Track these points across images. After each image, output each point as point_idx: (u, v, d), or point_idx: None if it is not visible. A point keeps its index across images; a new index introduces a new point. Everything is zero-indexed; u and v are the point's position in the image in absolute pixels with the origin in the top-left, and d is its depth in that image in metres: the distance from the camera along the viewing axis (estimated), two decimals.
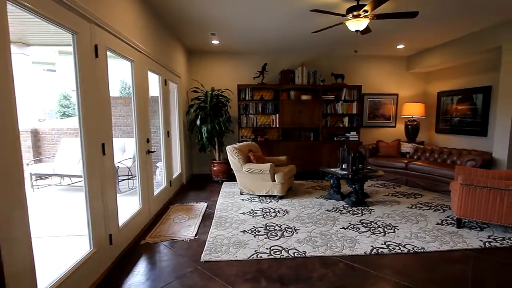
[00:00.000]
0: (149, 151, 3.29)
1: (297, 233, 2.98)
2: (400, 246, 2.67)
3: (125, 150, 5.15)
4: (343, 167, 4.07)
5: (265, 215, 3.51)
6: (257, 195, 4.29)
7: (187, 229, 3.11)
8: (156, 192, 3.62)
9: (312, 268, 2.33)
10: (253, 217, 3.46)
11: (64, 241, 2.80)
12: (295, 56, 5.89)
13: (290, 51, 5.71)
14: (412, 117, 5.80)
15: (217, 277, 2.20)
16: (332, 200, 4.07)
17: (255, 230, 3.06)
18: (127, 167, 4.59)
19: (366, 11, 2.98)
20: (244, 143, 4.71)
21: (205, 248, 2.64)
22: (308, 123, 5.75)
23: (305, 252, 2.56)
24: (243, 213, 3.60)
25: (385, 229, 3.07)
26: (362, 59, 6.09)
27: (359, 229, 3.07)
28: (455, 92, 5.36)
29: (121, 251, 2.55)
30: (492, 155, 4.17)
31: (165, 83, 4.02)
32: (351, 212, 3.60)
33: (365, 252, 2.56)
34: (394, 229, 3.06)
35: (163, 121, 3.99)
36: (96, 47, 2.12)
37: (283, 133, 5.81)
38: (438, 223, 3.23)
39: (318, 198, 4.18)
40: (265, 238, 2.86)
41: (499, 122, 4.05)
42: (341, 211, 3.64)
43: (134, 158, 3.47)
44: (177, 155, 4.86)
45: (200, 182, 5.33)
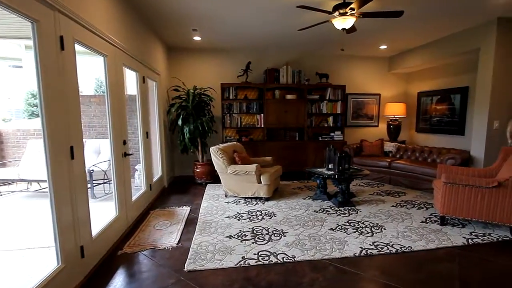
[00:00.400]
0: (126, 154, 3.06)
1: (285, 236, 2.89)
2: (388, 246, 2.67)
3: (100, 152, 4.82)
4: (330, 167, 4.04)
5: (251, 218, 3.38)
6: (243, 197, 4.17)
7: (169, 236, 2.92)
8: (134, 197, 3.39)
9: (302, 273, 2.25)
10: (239, 220, 3.32)
11: (32, 254, 2.53)
12: (280, 55, 5.81)
13: (275, 49, 5.62)
14: (394, 117, 5.91)
15: None
16: (319, 201, 4.02)
17: (241, 234, 2.94)
18: (102, 171, 4.29)
19: (352, 9, 2.95)
20: (229, 143, 4.56)
21: (188, 257, 2.48)
22: (293, 122, 5.69)
23: (294, 257, 2.48)
24: (228, 216, 3.45)
25: (372, 229, 3.06)
26: (346, 59, 6.13)
27: (347, 230, 3.04)
28: (434, 93, 5.52)
29: (95, 264, 2.33)
30: (470, 153, 4.30)
31: (143, 80, 3.78)
32: (338, 212, 3.57)
33: (354, 254, 2.52)
34: (381, 229, 3.05)
35: (141, 121, 3.75)
36: (61, 38, 1.90)
37: (268, 133, 5.72)
38: (422, 221, 3.27)
39: (305, 199, 4.12)
40: (252, 242, 2.75)
41: (476, 121, 4.19)
42: (329, 211, 3.60)
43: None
44: (158, 157, 4.62)
45: (182, 184, 5.11)
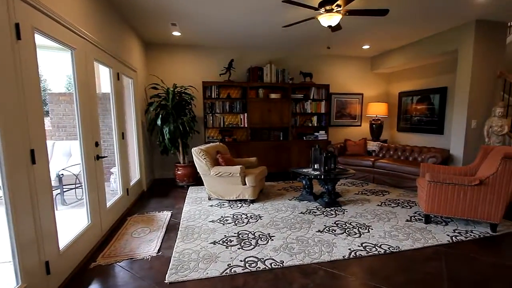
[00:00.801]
0: (98, 157, 2.80)
1: (272, 240, 2.78)
2: (376, 247, 2.64)
3: (71, 155, 4.46)
4: (315, 167, 3.98)
5: (236, 222, 3.24)
6: (227, 200, 4.01)
7: (148, 244, 2.71)
8: (110, 202, 3.13)
9: (291, 279, 2.14)
10: (223, 225, 3.17)
11: None
12: (263, 53, 5.70)
13: (258, 47, 5.50)
14: (376, 117, 5.99)
15: None
16: (305, 202, 3.95)
17: (226, 240, 2.78)
18: (74, 175, 3.96)
19: (339, 6, 2.89)
20: (211, 144, 4.38)
21: (170, 267, 2.29)
22: (278, 122, 5.60)
23: (283, 262, 2.37)
24: (212, 221, 3.29)
25: (359, 229, 3.02)
26: (329, 59, 6.13)
27: (335, 231, 2.98)
28: (414, 93, 5.65)
29: (64, 280, 2.09)
30: (450, 152, 4.42)
31: (117, 77, 3.51)
32: (325, 213, 3.51)
33: (343, 257, 2.46)
34: (368, 229, 3.03)
35: (116, 121, 3.48)
36: (17, 26, 1.65)
37: (252, 133, 5.59)
38: (407, 220, 3.28)
39: (291, 200, 4.03)
40: (238, 248, 2.61)
41: (455, 121, 4.31)
42: (315, 213, 3.53)
43: None
44: (135, 159, 4.35)
45: (163, 188, 4.86)
